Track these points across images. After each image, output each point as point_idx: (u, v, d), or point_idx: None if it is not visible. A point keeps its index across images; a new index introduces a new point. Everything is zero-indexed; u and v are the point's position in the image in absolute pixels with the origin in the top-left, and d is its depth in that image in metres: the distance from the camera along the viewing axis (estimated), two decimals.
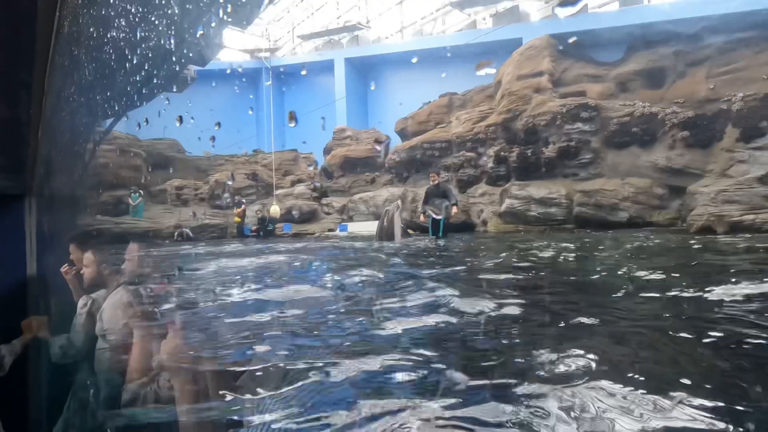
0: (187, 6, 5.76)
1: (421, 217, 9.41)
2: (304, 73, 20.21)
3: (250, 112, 21.40)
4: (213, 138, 16.46)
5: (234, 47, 22.82)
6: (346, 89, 20.11)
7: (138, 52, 4.80)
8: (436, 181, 9.08)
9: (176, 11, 5.51)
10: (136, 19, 4.35)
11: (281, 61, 22.69)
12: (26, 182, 2.43)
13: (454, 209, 8.78)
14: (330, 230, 14.00)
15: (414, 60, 16.39)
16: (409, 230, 11.92)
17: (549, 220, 10.64)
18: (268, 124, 21.06)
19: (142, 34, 4.74)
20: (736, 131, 9.80)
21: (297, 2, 22.61)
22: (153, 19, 4.96)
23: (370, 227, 12.80)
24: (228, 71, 20.25)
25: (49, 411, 2.34)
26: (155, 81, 6.55)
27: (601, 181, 10.74)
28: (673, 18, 11.12)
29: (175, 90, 9.37)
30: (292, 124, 15.38)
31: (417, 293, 2.70)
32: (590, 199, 10.34)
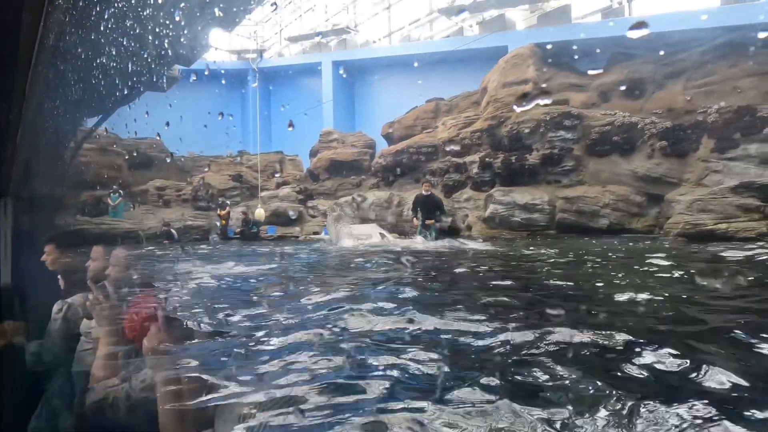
0: (174, 6, 5.71)
1: (414, 221, 9.46)
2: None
3: (225, 117, 21.10)
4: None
5: (221, 48, 22.62)
6: (333, 92, 20.11)
7: (123, 51, 4.74)
8: (429, 191, 9.14)
9: (162, 11, 5.46)
10: (122, 19, 4.30)
11: (268, 63, 22.56)
12: (3, 184, 2.38)
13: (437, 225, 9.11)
14: (315, 233, 13.94)
15: (401, 65, 16.50)
16: (392, 234, 11.97)
17: (532, 226, 10.81)
18: (253, 125, 20.89)
19: (127, 33, 4.68)
20: (711, 142, 10.13)
21: (285, 4, 22.54)
22: (139, 18, 4.90)
23: (355, 231, 12.79)
24: (206, 72, 20.02)
25: (20, 420, 2.29)
26: (140, 80, 6.47)
27: (582, 188, 10.97)
28: (653, 31, 11.45)
29: (161, 89, 9.25)
30: (291, 129, 15.59)
31: None
32: (572, 206, 10.55)
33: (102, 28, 3.60)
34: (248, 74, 22.16)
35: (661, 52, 11.56)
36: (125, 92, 6.00)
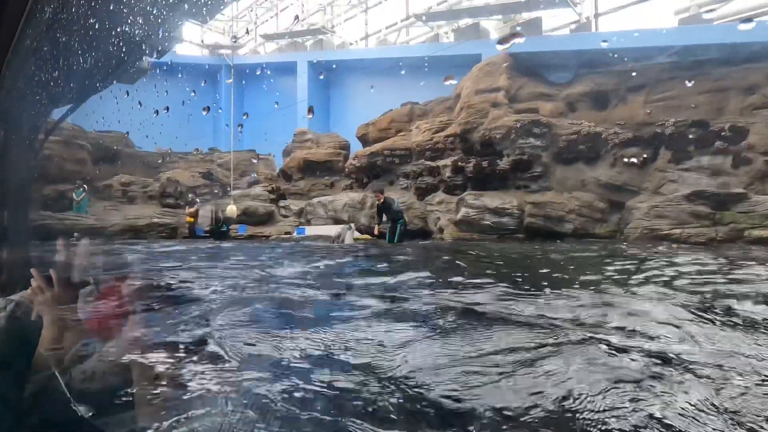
0: None
1: (375, 229, 9.86)
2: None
3: (197, 113, 20.67)
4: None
5: (193, 42, 22.10)
6: (308, 92, 20.01)
7: (92, 39, 4.61)
8: (381, 200, 9.60)
9: (134, 1, 5.33)
10: (92, 7, 4.19)
11: (243, 60, 22.21)
12: None
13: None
14: (287, 233, 13.83)
15: (377, 67, 16.67)
16: (367, 236, 12.07)
17: (501, 230, 11.13)
18: (227, 120, 20.49)
19: (96, 21, 4.56)
20: (668, 153, 10.77)
21: (261, 1, 22.27)
22: (110, 7, 4.77)
23: (328, 231, 12.79)
24: (172, 65, 19.50)
25: None
26: (109, 71, 6.27)
27: (550, 194, 11.39)
28: (617, 47, 12.05)
29: (130, 81, 8.97)
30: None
31: None
32: (540, 211, 10.94)
33: (73, 17, 3.51)
34: (221, 70, 21.74)
35: (624, 67, 12.17)
36: (93, 83, 5.80)
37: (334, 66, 20.13)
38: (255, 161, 17.98)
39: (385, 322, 2.17)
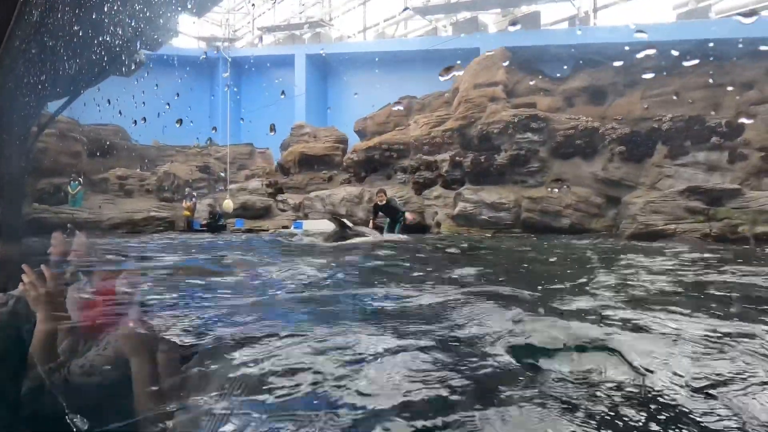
0: None
1: (370, 224, 9.83)
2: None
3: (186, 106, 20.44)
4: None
5: (189, 34, 21.92)
6: (306, 85, 19.90)
7: (90, 33, 4.58)
8: (384, 200, 9.39)
9: None
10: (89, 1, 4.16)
11: (240, 53, 22.05)
12: None
13: (410, 216, 9.29)
14: (284, 227, 13.83)
15: (375, 60, 16.61)
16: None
17: (498, 224, 11.17)
18: (223, 115, 20.38)
19: (95, 16, 4.53)
20: (664, 148, 10.78)
21: None
22: (107, 1, 4.74)
23: (327, 225, 12.79)
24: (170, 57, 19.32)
25: None
26: (105, 64, 6.24)
27: (546, 189, 11.41)
28: (614, 41, 12.01)
29: (126, 74, 8.92)
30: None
31: None
32: (537, 206, 10.97)
33: (70, 11, 3.49)
34: (218, 63, 21.60)
35: (621, 62, 12.14)
36: (90, 76, 5.76)
37: (331, 59, 20.00)
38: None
39: None
